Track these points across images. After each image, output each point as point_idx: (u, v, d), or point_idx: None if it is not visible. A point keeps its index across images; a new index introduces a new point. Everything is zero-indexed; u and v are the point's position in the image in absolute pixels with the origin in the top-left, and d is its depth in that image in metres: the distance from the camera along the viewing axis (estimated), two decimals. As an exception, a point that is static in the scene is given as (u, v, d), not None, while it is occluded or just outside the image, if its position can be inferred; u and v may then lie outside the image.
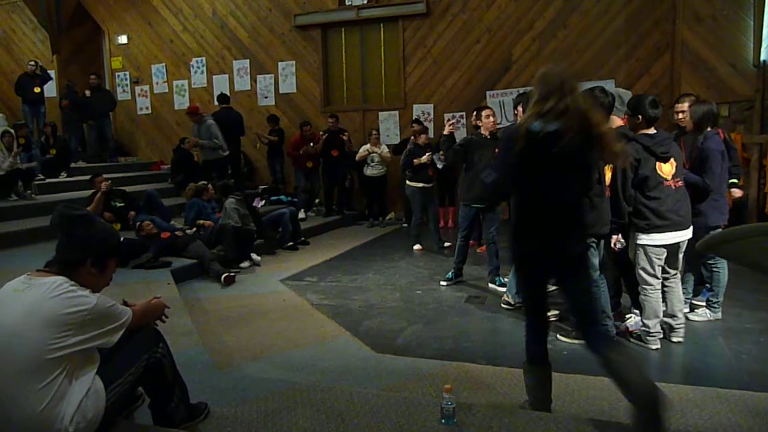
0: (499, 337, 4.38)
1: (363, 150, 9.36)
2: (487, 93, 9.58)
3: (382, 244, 8.20)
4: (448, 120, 7.16)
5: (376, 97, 10.70)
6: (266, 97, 11.14)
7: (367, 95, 10.79)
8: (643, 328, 4.03)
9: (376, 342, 4.29)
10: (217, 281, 5.97)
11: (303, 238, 8.09)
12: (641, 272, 3.95)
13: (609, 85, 8.40)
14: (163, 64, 11.86)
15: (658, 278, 3.93)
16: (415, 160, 7.54)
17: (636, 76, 8.82)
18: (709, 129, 4.42)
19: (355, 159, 9.38)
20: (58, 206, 2.43)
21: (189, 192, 7.80)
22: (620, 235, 4.02)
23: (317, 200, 10.18)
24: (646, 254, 3.91)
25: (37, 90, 10.41)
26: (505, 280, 5.59)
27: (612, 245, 4.01)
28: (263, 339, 4.40)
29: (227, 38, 11.26)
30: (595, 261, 3.95)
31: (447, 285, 5.85)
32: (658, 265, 3.91)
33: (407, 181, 7.69)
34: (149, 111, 12.11)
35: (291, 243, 7.78)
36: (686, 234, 3.87)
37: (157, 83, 11.97)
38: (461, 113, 9.79)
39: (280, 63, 10.96)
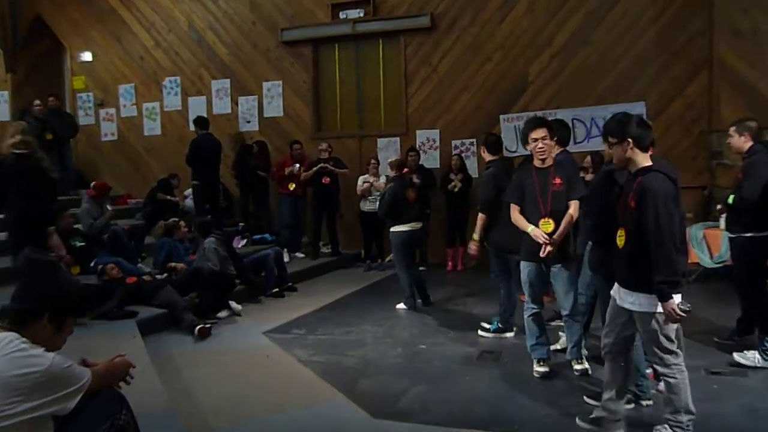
0: (517, 400, 4.35)
1: (362, 182, 9.43)
2: (501, 117, 9.68)
3: (382, 291, 8.16)
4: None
5: (374, 122, 10.82)
6: (249, 122, 11.24)
7: (363, 120, 10.91)
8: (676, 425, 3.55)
9: (373, 405, 4.26)
10: (190, 334, 5.93)
11: (290, 284, 8.05)
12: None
13: (638, 108, 8.55)
14: (132, 84, 12.00)
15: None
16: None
17: (669, 97, 8.93)
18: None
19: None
20: (25, 250, 2.46)
21: (158, 230, 7.82)
22: None
23: (304, 238, 10.19)
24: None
25: None
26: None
27: None
28: (243, 401, 4.36)
29: (205, 55, 11.43)
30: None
31: (486, 335, 5.91)
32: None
33: (392, 228, 7.23)
34: (115, 137, 12.20)
35: (276, 289, 7.75)
36: None
37: (124, 106, 12.08)
38: (471, 140, 9.89)
39: (264, 83, 11.10)
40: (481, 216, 5.77)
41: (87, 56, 12.26)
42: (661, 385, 4.30)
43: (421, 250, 9.71)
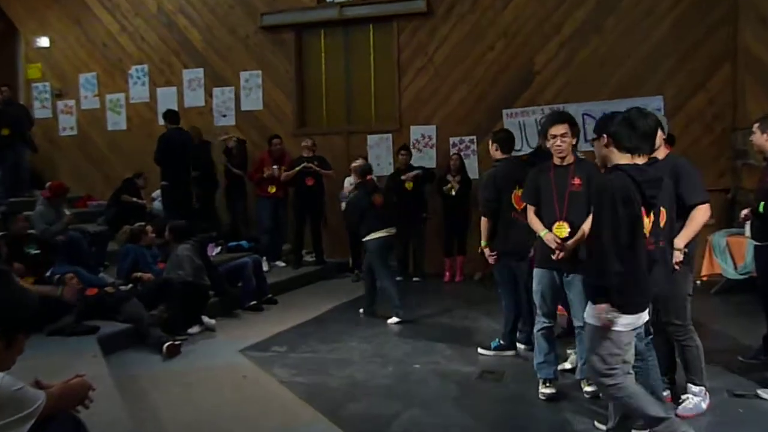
0: (520, 425, 4.36)
1: (349, 183, 9.43)
2: (504, 112, 9.73)
3: (371, 303, 8.18)
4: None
5: (363, 117, 10.84)
6: (224, 116, 11.24)
7: (352, 114, 10.93)
8: None
9: (361, 430, 4.26)
10: (157, 352, 5.89)
11: (270, 296, 8.05)
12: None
13: (655, 103, 8.61)
14: (94, 73, 11.98)
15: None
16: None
17: (689, 91, 9.00)
18: None
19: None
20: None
21: (122, 236, 7.77)
22: None
23: (285, 246, 10.18)
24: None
25: None
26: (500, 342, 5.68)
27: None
28: (215, 427, 4.35)
29: (176, 41, 11.42)
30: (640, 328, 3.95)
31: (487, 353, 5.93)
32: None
33: (366, 237, 7.37)
34: (75, 132, 12.17)
35: (254, 302, 7.74)
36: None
37: (85, 97, 12.06)
38: (471, 137, 9.92)
39: (242, 73, 11.11)
40: (484, 220, 5.80)
41: (43, 42, 12.21)
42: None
43: (415, 258, 9.75)
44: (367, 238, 7.33)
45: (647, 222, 3.85)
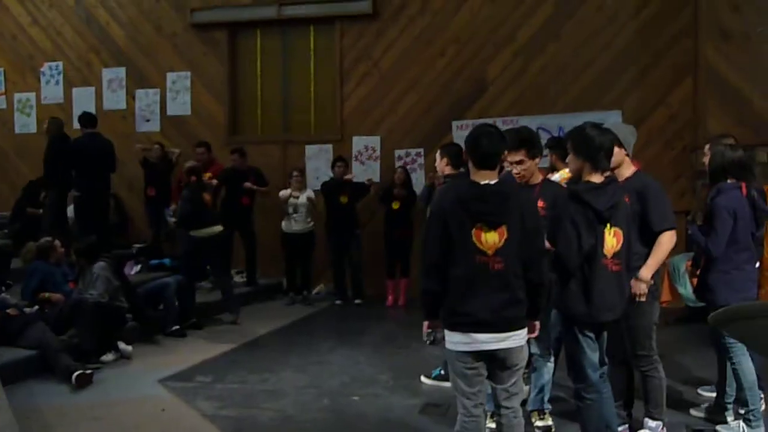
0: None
1: (284, 195, 9.40)
2: (454, 123, 9.82)
3: (307, 330, 8.20)
4: None
5: (302, 126, 10.87)
6: (148, 120, 11.12)
7: (290, 122, 10.94)
8: None
9: (293, 471, 4.24)
10: (66, 382, 5.80)
11: (194, 320, 8.01)
12: None
13: (614, 118, 8.81)
14: (1, 69, 11.77)
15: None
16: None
17: (649, 106, 9.25)
18: (728, 181, 4.66)
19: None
20: None
21: (28, 252, 7.59)
22: None
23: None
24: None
25: None
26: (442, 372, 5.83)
27: None
28: (130, 467, 4.28)
29: (95, 37, 11.28)
30: (594, 357, 4.02)
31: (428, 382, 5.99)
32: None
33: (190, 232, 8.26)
34: (-23, 135, 11.90)
35: (177, 327, 7.67)
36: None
37: (-10, 96, 11.82)
38: (418, 150, 10.01)
39: (169, 74, 11.02)
40: None
41: (-57, 32, 11.95)
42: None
43: (353, 280, 9.72)
44: (190, 233, 8.21)
45: (612, 242, 3.94)
